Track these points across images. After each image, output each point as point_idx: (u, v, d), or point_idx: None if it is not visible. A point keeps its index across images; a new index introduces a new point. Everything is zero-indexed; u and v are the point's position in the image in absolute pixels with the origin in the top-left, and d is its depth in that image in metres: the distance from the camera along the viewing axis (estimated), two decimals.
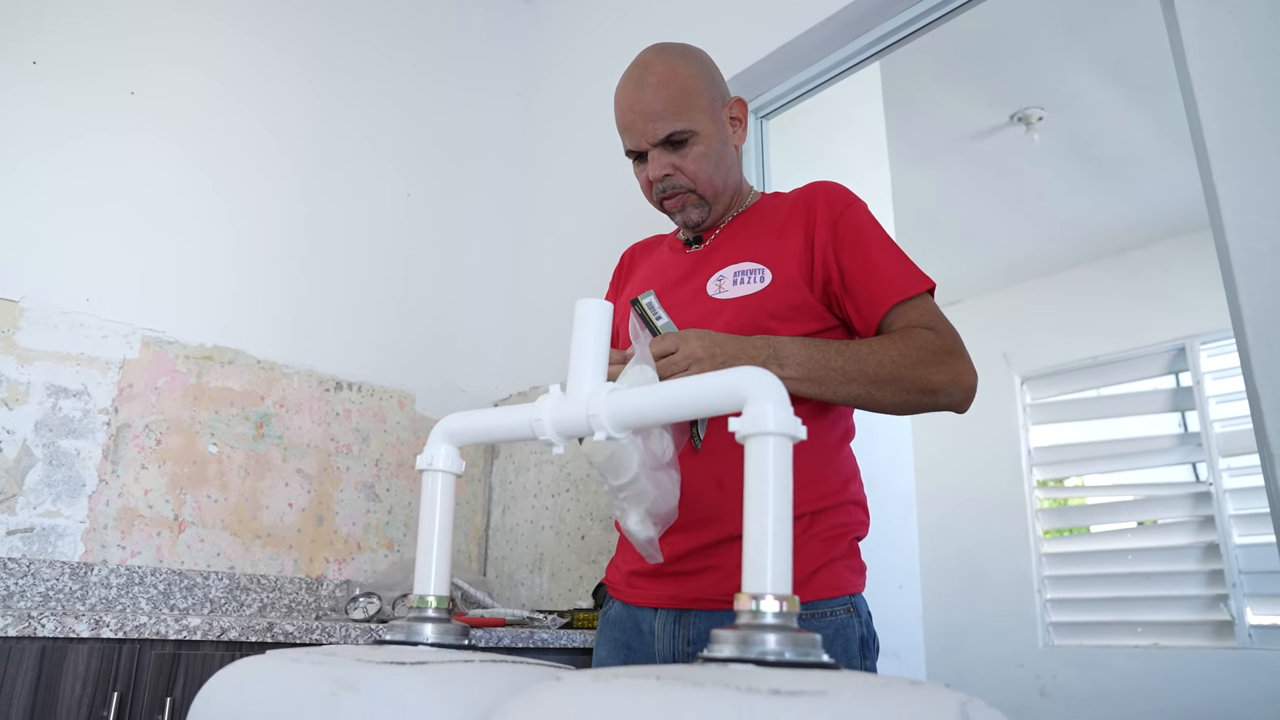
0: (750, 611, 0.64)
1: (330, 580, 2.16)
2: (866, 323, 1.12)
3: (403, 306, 2.46)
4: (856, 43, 1.87)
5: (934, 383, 1.04)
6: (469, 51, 2.79)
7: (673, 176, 1.20)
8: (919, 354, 1.04)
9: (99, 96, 2.05)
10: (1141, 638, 3.76)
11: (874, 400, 1.04)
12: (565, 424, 0.82)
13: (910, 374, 1.03)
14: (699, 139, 1.18)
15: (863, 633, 1.08)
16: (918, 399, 1.05)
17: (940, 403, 1.06)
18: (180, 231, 2.12)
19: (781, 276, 1.13)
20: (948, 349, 1.05)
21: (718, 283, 1.17)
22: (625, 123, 1.21)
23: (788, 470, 0.68)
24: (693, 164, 1.19)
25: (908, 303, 1.10)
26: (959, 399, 1.06)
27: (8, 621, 1.14)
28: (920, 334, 1.06)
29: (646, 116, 1.17)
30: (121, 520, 1.90)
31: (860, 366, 1.02)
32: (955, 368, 1.05)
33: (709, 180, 1.20)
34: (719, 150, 1.20)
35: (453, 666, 0.73)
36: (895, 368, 1.03)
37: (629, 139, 1.21)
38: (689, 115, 1.17)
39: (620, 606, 1.20)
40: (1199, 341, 3.88)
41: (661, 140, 1.18)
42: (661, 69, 1.18)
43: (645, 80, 1.18)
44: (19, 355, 1.84)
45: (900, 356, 1.03)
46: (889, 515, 2.14)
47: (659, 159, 1.19)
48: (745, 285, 1.15)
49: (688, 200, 1.22)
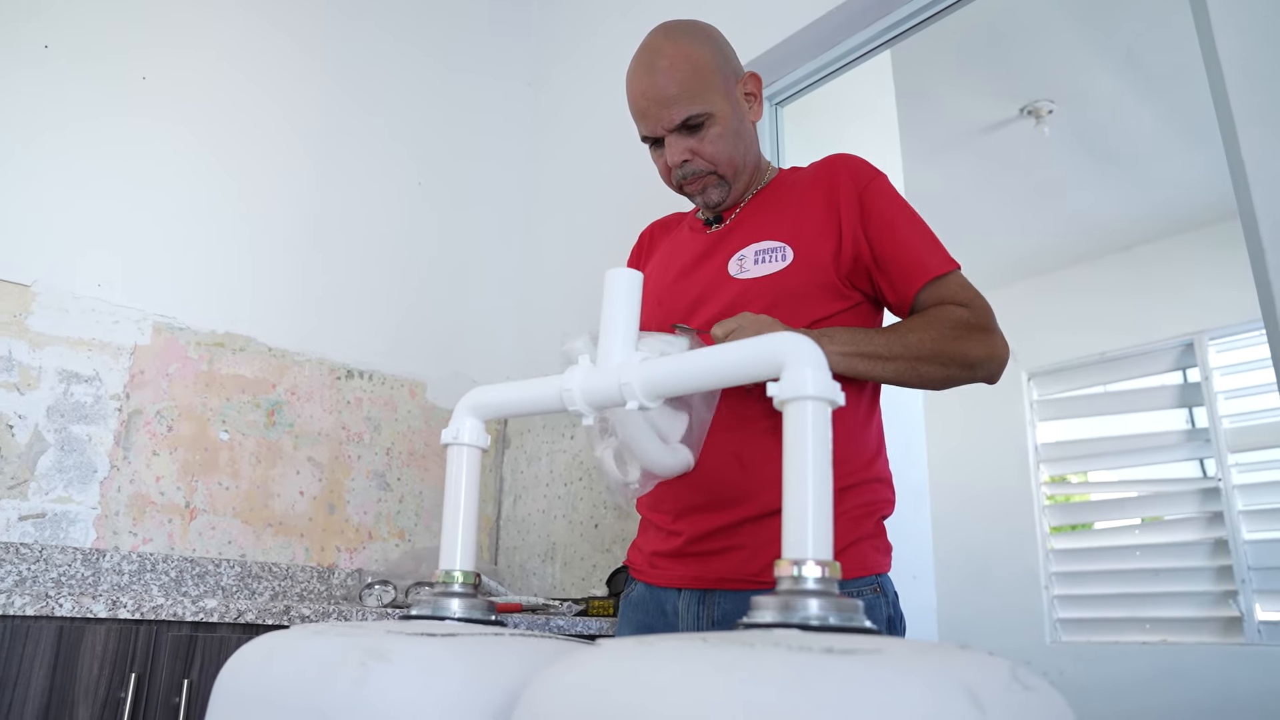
0: (792, 577, 0.63)
1: (341, 569, 2.15)
2: (900, 298, 1.12)
3: (414, 295, 2.45)
4: (869, 29, 1.87)
5: (973, 357, 1.06)
6: (478, 39, 2.79)
7: (691, 161, 1.18)
8: (956, 330, 1.06)
9: (111, 81, 2.05)
10: (1150, 634, 3.75)
11: (917, 374, 1.06)
12: (596, 394, 0.81)
13: (950, 349, 1.05)
14: (715, 120, 1.16)
15: (890, 613, 1.08)
16: (958, 373, 1.07)
17: (977, 375, 1.08)
18: (192, 217, 2.11)
19: (803, 254, 1.12)
20: (982, 324, 1.08)
21: (739, 262, 1.16)
22: (639, 109, 1.19)
23: (827, 435, 0.66)
24: (710, 146, 1.17)
25: (941, 279, 1.11)
26: (994, 370, 1.09)
27: (26, 601, 1.13)
28: (956, 310, 1.08)
29: (660, 102, 1.15)
30: (133, 507, 1.89)
31: (904, 344, 1.04)
32: (991, 341, 1.08)
33: (729, 160, 1.19)
34: (736, 129, 1.19)
35: (484, 639, 0.72)
36: (936, 344, 1.05)
37: (644, 125, 1.19)
38: (704, 97, 1.15)
39: (643, 588, 1.19)
40: (1207, 337, 3.86)
41: (678, 125, 1.16)
42: (672, 52, 1.16)
43: (656, 65, 1.16)
44: (31, 340, 1.83)
45: (940, 334, 1.05)
46: (903, 506, 2.11)
47: (676, 144, 1.17)
48: (767, 264, 1.14)
49: (708, 182, 1.20)
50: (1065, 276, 4.43)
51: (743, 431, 1.06)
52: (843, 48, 1.92)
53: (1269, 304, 1.10)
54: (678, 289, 1.22)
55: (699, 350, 0.76)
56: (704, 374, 0.76)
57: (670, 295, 1.22)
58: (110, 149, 2.02)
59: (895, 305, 1.14)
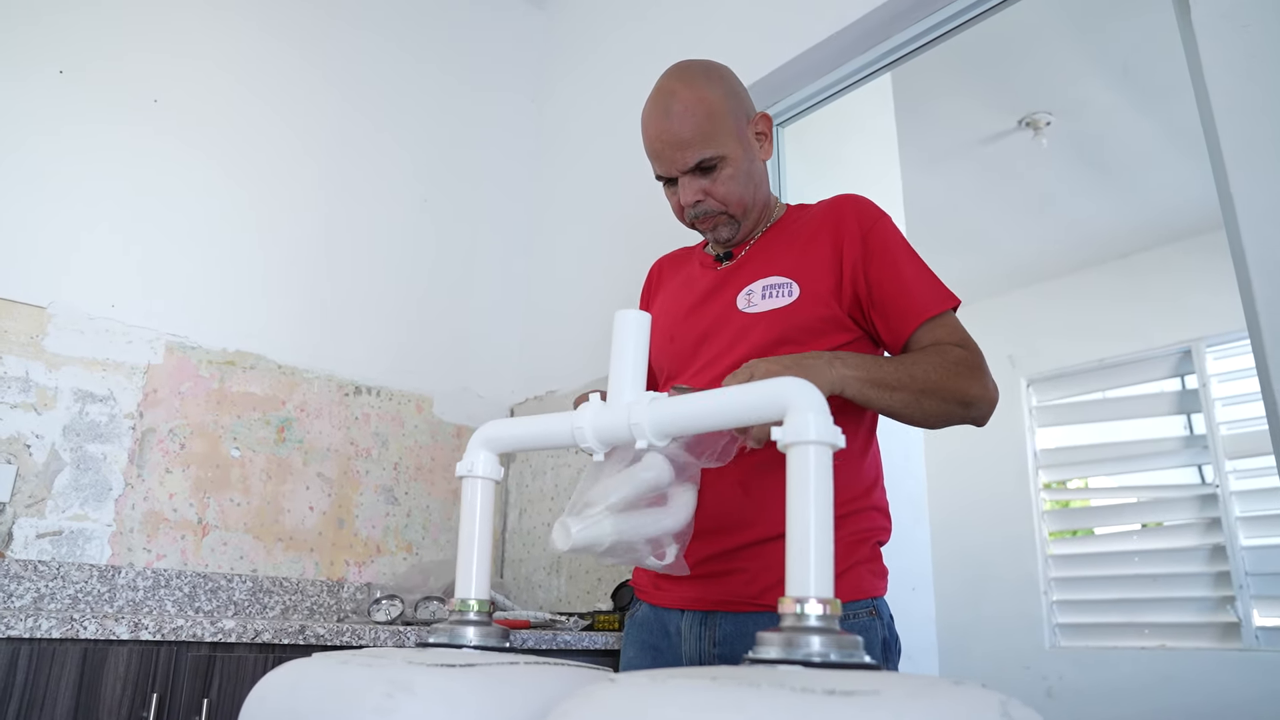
0: (794, 614, 0.66)
1: (351, 583, 2.18)
2: (895, 337, 1.15)
3: (420, 312, 2.49)
4: (870, 53, 1.90)
5: (970, 395, 1.08)
6: (482, 57, 2.82)
7: (704, 202, 1.21)
8: (955, 368, 1.08)
9: (123, 104, 2.08)
10: (1148, 639, 3.78)
11: (919, 408, 1.07)
12: (607, 432, 0.85)
13: (951, 385, 1.07)
14: (728, 162, 1.19)
15: (885, 635, 1.11)
16: (954, 410, 1.09)
17: (970, 415, 1.10)
18: (202, 238, 2.15)
19: (809, 290, 1.16)
20: (978, 365, 1.10)
21: (747, 297, 1.20)
22: (654, 151, 1.22)
23: (828, 477, 0.70)
24: (723, 187, 1.20)
25: (936, 320, 1.13)
26: (985, 412, 1.11)
27: (52, 624, 1.17)
28: (953, 350, 1.10)
29: (675, 145, 1.18)
30: (147, 523, 1.93)
31: (910, 374, 1.06)
32: (985, 383, 1.10)
33: (739, 200, 1.22)
34: (747, 170, 1.22)
35: (501, 669, 0.76)
36: (940, 379, 1.06)
37: (659, 166, 1.23)
38: (717, 141, 1.18)
39: (647, 608, 1.23)
40: (1205, 344, 3.89)
41: (691, 168, 1.19)
42: (686, 95, 1.19)
43: (671, 109, 1.19)
44: (47, 361, 1.87)
45: (940, 369, 1.07)
46: (901, 518, 2.15)
47: (689, 185, 1.20)
48: (774, 299, 1.17)
49: (719, 221, 1.24)
50: (1064, 284, 4.47)
51: (746, 461, 1.09)
52: (844, 70, 1.96)
53: (1255, 326, 1.14)
54: (688, 324, 1.26)
55: (706, 392, 0.79)
56: (711, 416, 0.79)
57: (681, 331, 1.26)
58: (122, 172, 2.06)
59: (889, 344, 1.17)
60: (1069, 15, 2.67)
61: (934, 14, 1.77)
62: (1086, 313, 4.32)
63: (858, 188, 2.33)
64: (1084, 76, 2.95)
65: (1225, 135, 1.19)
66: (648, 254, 1.58)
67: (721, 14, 2.21)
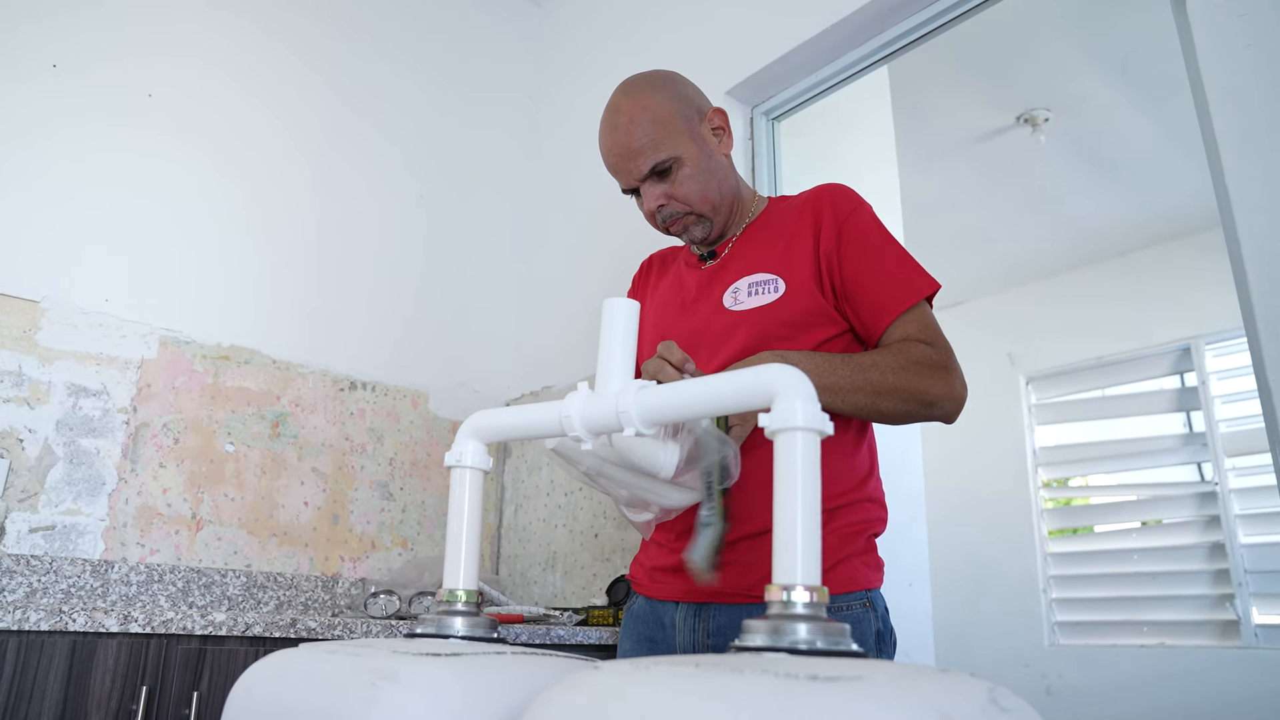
0: (781, 602, 0.65)
1: (345, 578, 2.18)
2: (868, 333, 1.15)
3: (416, 307, 2.48)
4: (865, 47, 1.90)
5: (932, 395, 1.08)
6: (478, 53, 2.82)
7: (668, 205, 1.24)
8: (917, 367, 1.07)
9: (117, 99, 2.08)
10: (1147, 637, 3.78)
11: (876, 409, 1.07)
12: (594, 420, 0.84)
13: (910, 385, 1.07)
14: (683, 163, 1.22)
15: (879, 627, 1.11)
16: (916, 409, 1.09)
17: (934, 414, 1.10)
18: (197, 232, 2.14)
19: (795, 285, 1.16)
20: (943, 364, 1.10)
21: (733, 295, 1.20)
22: (611, 166, 1.25)
23: (816, 465, 0.69)
24: (682, 188, 1.22)
25: (906, 314, 1.13)
26: (950, 410, 1.11)
27: (40, 616, 1.16)
28: (918, 348, 1.10)
29: (626, 156, 1.21)
30: (140, 518, 1.92)
31: (865, 377, 1.06)
32: (950, 381, 1.09)
33: (702, 197, 1.24)
34: (706, 166, 1.24)
35: (486, 658, 0.75)
36: (897, 379, 1.06)
37: (619, 179, 1.26)
38: (666, 144, 1.21)
39: (643, 601, 1.23)
40: (1204, 342, 3.89)
41: (647, 174, 1.22)
42: (629, 106, 1.22)
43: (617, 123, 1.22)
44: (40, 355, 1.86)
45: (900, 369, 1.07)
46: (899, 514, 2.14)
47: (650, 191, 1.23)
48: (760, 296, 1.18)
49: (688, 221, 1.26)
50: (1063, 282, 4.46)
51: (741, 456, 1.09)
52: (838, 64, 1.96)
53: (1251, 322, 1.13)
54: (678, 325, 1.27)
55: (694, 380, 0.79)
56: (698, 403, 0.79)
57: (670, 330, 1.27)
58: (117, 166, 2.05)
59: (865, 339, 1.17)
60: (1067, 10, 2.67)
61: (929, 7, 1.77)
62: (1085, 310, 4.32)
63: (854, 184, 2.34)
64: (1082, 73, 2.94)
65: (1221, 128, 1.19)
66: (641, 249, 1.58)
67: (715, 10, 2.21)
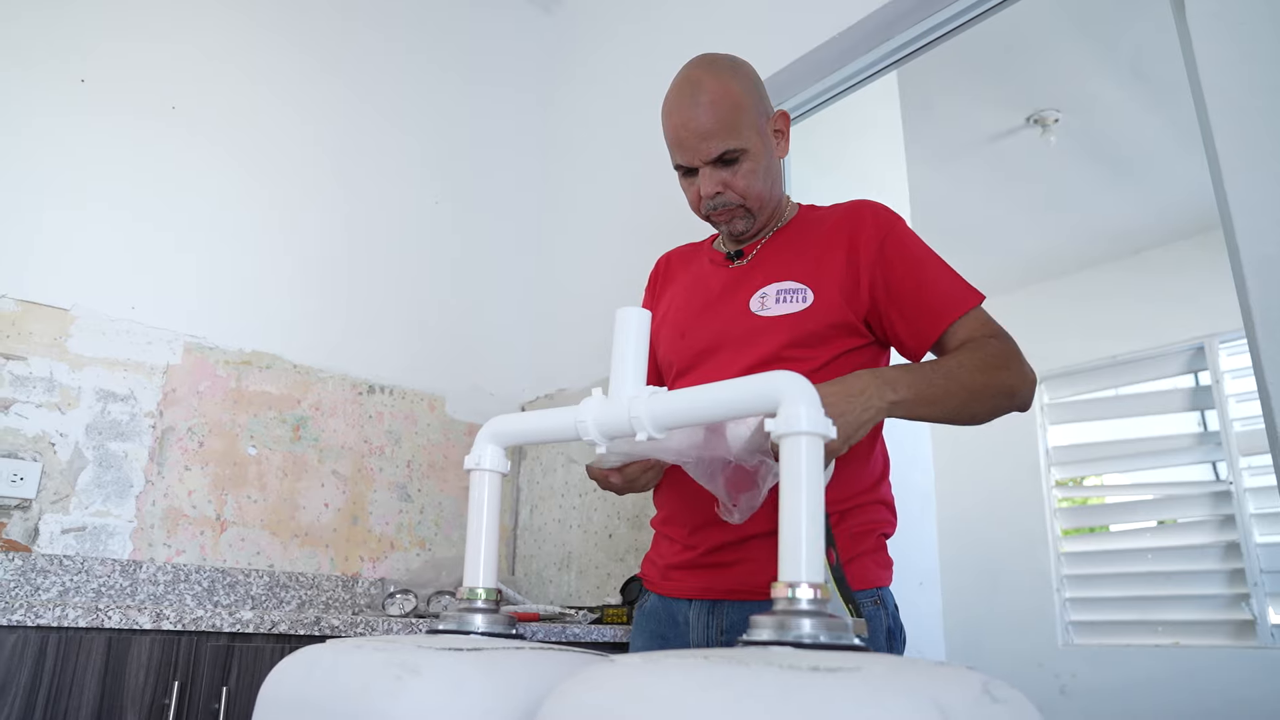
0: (786, 599, 0.69)
1: (365, 578, 2.22)
2: (921, 339, 1.15)
3: (432, 312, 2.53)
4: (876, 51, 1.91)
5: (1012, 386, 1.09)
6: (491, 61, 2.86)
7: (724, 194, 1.22)
8: (996, 361, 1.09)
9: (142, 112, 2.13)
10: (1162, 637, 3.77)
11: (970, 412, 1.09)
12: (608, 425, 0.88)
13: (996, 382, 1.08)
14: (749, 156, 1.21)
15: (889, 624, 1.13)
16: (1003, 403, 1.10)
17: (1016, 404, 1.12)
18: (219, 241, 2.19)
19: (823, 297, 1.17)
20: (1015, 354, 1.12)
21: (760, 300, 1.21)
22: (677, 139, 1.22)
23: (819, 467, 0.73)
24: (743, 180, 1.21)
25: (965, 317, 1.14)
26: (1028, 397, 1.12)
27: (78, 614, 1.21)
28: (990, 343, 1.11)
29: (699, 135, 1.19)
30: (167, 520, 1.97)
31: (958, 381, 1.06)
32: (1024, 370, 1.11)
33: (758, 194, 1.23)
34: (766, 165, 1.23)
35: (506, 653, 0.79)
36: (984, 378, 1.07)
37: (680, 155, 1.23)
38: (740, 133, 1.19)
39: (656, 599, 1.26)
40: (1218, 340, 3.88)
41: (714, 159, 1.20)
42: (713, 86, 1.20)
43: (698, 99, 1.19)
44: (70, 361, 1.92)
45: (983, 367, 1.08)
46: (909, 512, 2.17)
47: (710, 176, 1.21)
48: (788, 304, 1.18)
49: (736, 214, 1.25)
50: (1075, 281, 4.46)
51: None
52: (850, 69, 1.96)
53: (1250, 326, 1.15)
54: (700, 323, 1.27)
55: (704, 385, 0.82)
56: (707, 408, 0.82)
57: (693, 328, 1.27)
58: (142, 177, 2.10)
59: (913, 347, 1.17)
60: (1076, 12, 2.68)
61: (939, 12, 1.77)
62: (1098, 309, 4.32)
63: (864, 186, 2.35)
64: (1092, 73, 2.95)
65: (1220, 134, 1.21)
66: (654, 252, 1.60)
67: (726, 15, 2.24)
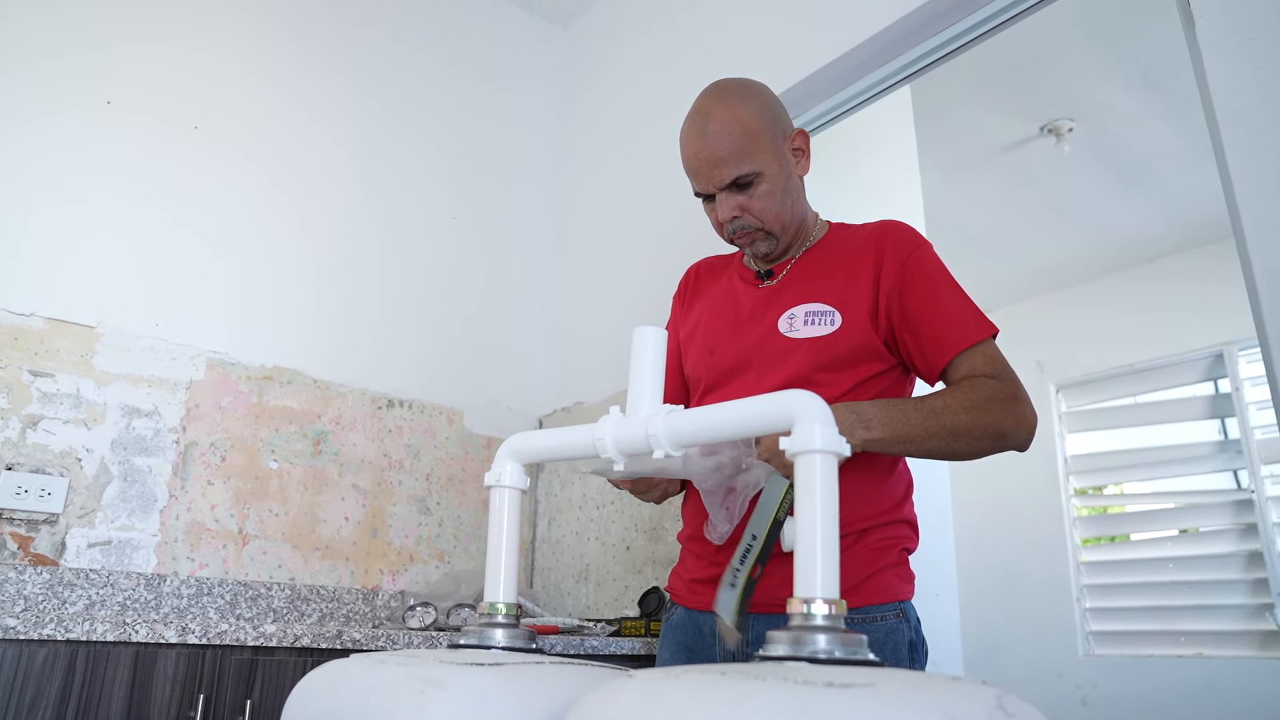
0: (802, 614, 0.70)
1: (385, 591, 2.24)
2: (930, 367, 1.16)
3: (450, 327, 2.56)
4: (890, 66, 1.92)
5: (1003, 428, 1.09)
6: (510, 77, 2.89)
7: (741, 218, 1.24)
8: (988, 403, 1.08)
9: (166, 131, 2.17)
10: (1184, 647, 3.73)
11: (950, 451, 1.09)
12: (626, 442, 0.89)
13: (982, 423, 1.07)
14: (764, 179, 1.22)
15: (911, 637, 1.14)
16: (989, 444, 1.10)
17: (1006, 445, 1.11)
18: (241, 259, 2.23)
19: (850, 320, 1.18)
20: (1013, 395, 1.11)
21: (789, 321, 1.22)
22: (692, 169, 1.25)
23: (834, 484, 0.74)
24: (759, 203, 1.23)
25: (971, 349, 1.14)
26: (1023, 439, 1.12)
27: (106, 628, 1.24)
28: (986, 383, 1.11)
29: (711, 163, 1.21)
30: (190, 534, 2.00)
31: (939, 422, 1.06)
32: (1021, 412, 1.10)
33: (776, 216, 1.25)
34: (784, 185, 1.24)
35: (527, 668, 0.81)
36: (969, 419, 1.07)
37: (697, 183, 1.26)
38: (752, 158, 1.21)
39: (683, 612, 1.27)
40: (1237, 347, 3.85)
41: (728, 184, 1.22)
42: (722, 114, 1.22)
43: (708, 128, 1.22)
44: (96, 378, 1.96)
45: (971, 407, 1.07)
46: (926, 524, 2.17)
47: (726, 201, 1.23)
48: (816, 326, 1.19)
49: (756, 236, 1.26)
50: (1092, 289, 4.44)
51: None
52: (864, 84, 1.98)
53: (1264, 337, 1.15)
54: (729, 341, 1.28)
55: (719, 404, 0.84)
56: (723, 426, 0.83)
57: (722, 346, 1.29)
58: (166, 196, 2.14)
59: (924, 373, 1.18)
60: (1088, 22, 2.69)
61: (952, 26, 1.78)
62: (1115, 317, 4.30)
63: (878, 199, 2.35)
64: (1105, 82, 2.95)
65: (1231, 148, 1.22)
66: (672, 266, 1.61)
67: (740, 31, 2.26)
